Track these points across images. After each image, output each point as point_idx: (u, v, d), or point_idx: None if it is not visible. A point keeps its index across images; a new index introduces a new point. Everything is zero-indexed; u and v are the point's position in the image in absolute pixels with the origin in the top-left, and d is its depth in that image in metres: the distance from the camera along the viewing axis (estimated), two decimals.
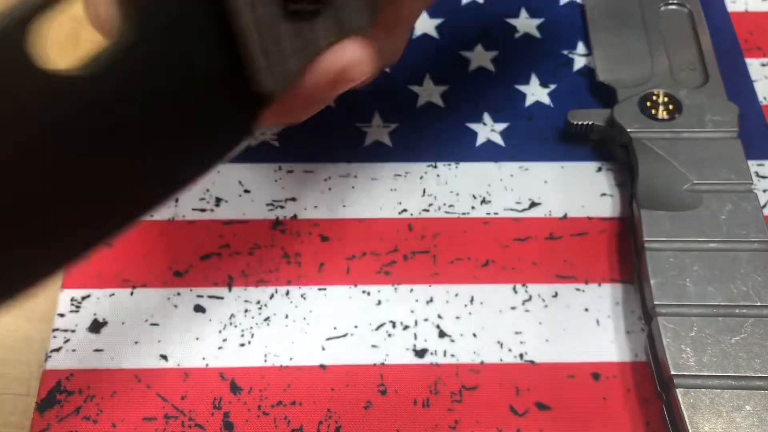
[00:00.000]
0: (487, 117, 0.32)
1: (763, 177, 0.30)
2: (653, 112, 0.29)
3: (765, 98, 0.32)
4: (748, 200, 0.27)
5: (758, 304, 0.25)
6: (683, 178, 0.27)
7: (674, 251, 0.26)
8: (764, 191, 0.30)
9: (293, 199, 0.29)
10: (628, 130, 0.29)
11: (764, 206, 0.30)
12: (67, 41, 0.34)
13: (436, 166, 0.30)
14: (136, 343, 0.26)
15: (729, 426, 0.22)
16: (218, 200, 0.29)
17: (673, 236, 0.26)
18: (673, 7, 0.33)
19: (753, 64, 0.33)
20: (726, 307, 0.25)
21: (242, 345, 0.26)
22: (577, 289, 0.28)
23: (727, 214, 0.26)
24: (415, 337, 0.27)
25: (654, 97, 0.30)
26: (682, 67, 0.31)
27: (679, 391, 0.23)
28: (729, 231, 0.26)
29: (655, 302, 0.25)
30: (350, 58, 0.19)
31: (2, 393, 0.26)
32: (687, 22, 0.33)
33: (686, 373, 0.23)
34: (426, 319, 0.27)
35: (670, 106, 0.29)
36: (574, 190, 0.30)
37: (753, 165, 0.31)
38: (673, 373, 0.23)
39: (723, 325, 0.24)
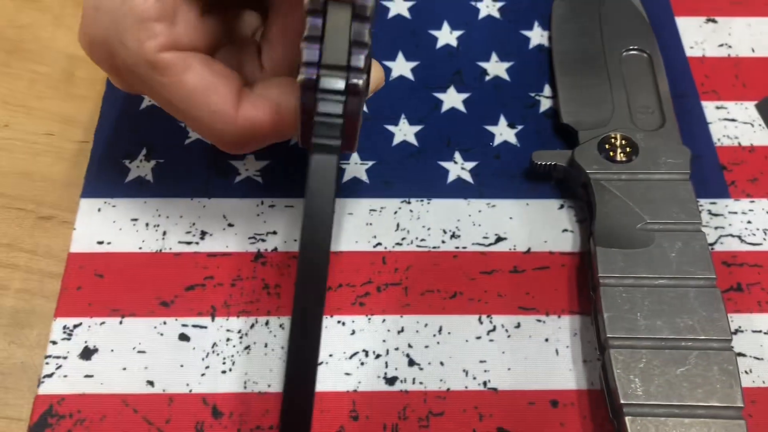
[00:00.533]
0: (457, 155, 0.34)
1: (716, 215, 0.33)
2: (611, 154, 0.31)
3: (719, 140, 0.35)
4: (696, 239, 0.29)
5: (702, 337, 0.27)
6: (637, 217, 0.29)
7: (626, 287, 0.28)
8: (716, 228, 0.32)
9: (274, 233, 0.31)
10: (588, 171, 0.31)
11: (715, 242, 0.32)
12: (62, 79, 0.36)
13: (409, 202, 0.32)
14: (124, 369, 0.28)
15: None
16: (203, 233, 0.31)
17: (626, 273, 0.28)
18: (634, 52, 0.36)
19: (708, 107, 0.36)
20: (673, 341, 0.27)
21: (224, 372, 0.28)
22: (539, 320, 0.30)
23: (677, 252, 0.28)
24: (386, 365, 0.28)
25: (612, 140, 0.32)
26: (640, 110, 0.34)
27: (627, 419, 0.25)
28: (678, 268, 0.28)
29: (608, 335, 0.27)
30: None
31: (1, 417, 0.27)
32: (647, 66, 0.35)
33: (634, 402, 0.25)
34: (397, 348, 0.29)
35: (628, 149, 0.31)
36: (538, 226, 0.32)
37: (706, 203, 0.33)
38: (622, 401, 0.25)
39: (669, 357, 0.26)
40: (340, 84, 0.23)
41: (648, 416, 0.25)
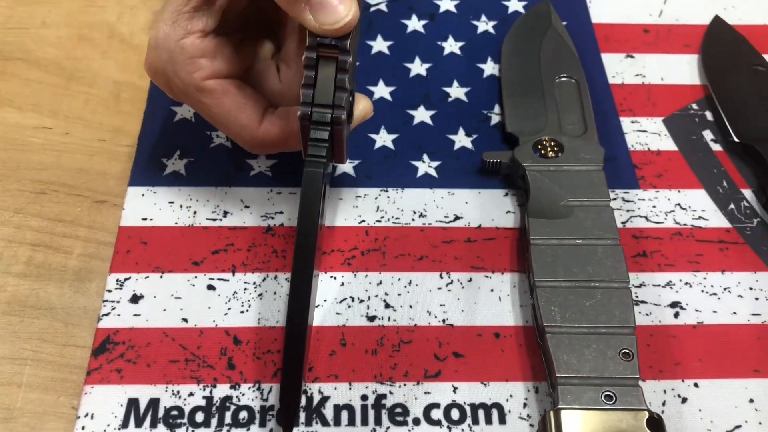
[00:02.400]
0: (425, 156, 0.43)
1: (628, 201, 0.41)
2: (543, 152, 0.40)
3: (632, 146, 0.44)
4: (605, 212, 0.38)
5: (606, 280, 0.35)
6: (561, 197, 0.38)
7: (551, 246, 0.36)
8: (627, 211, 0.41)
9: (281, 212, 0.40)
10: (524, 164, 0.40)
11: (627, 221, 0.41)
12: (110, 98, 0.45)
13: (387, 191, 0.41)
14: (164, 310, 0.36)
15: (579, 357, 0.33)
16: (225, 213, 0.40)
17: (551, 236, 0.37)
18: (565, 79, 0.45)
19: (625, 121, 0.45)
20: (584, 282, 0.35)
21: (242, 312, 0.36)
22: (486, 276, 0.38)
23: (590, 221, 0.37)
24: (368, 308, 0.37)
25: (544, 142, 0.41)
26: (568, 122, 0.43)
27: (548, 336, 0.33)
28: (590, 232, 0.37)
29: (535, 279, 0.35)
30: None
31: (69, 345, 0.35)
32: (575, 90, 0.45)
33: (553, 324, 0.34)
34: (376, 296, 0.37)
35: (556, 148, 0.41)
36: (487, 209, 0.41)
37: (621, 192, 0.42)
38: (544, 324, 0.34)
39: (581, 294, 0.35)
40: (327, 117, 0.32)
41: (563, 334, 0.33)
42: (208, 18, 0.34)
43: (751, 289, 0.38)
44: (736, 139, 0.43)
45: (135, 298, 0.36)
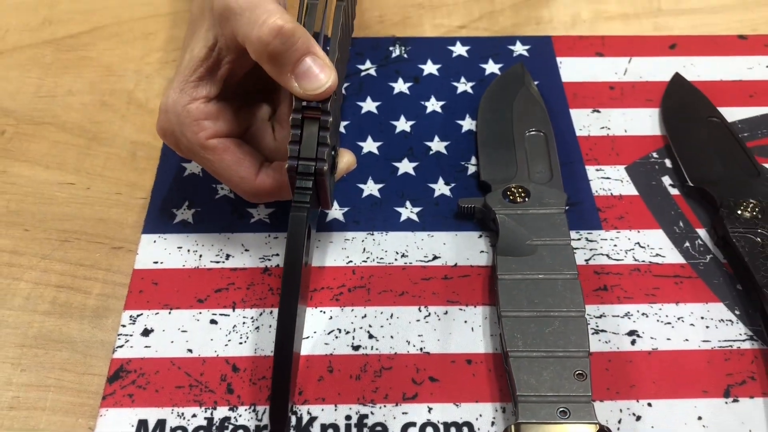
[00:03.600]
0: (408, 203, 0.47)
1: (591, 240, 0.46)
2: (511, 198, 0.45)
3: (597, 191, 0.48)
4: (565, 250, 0.42)
5: (565, 310, 0.39)
6: (526, 236, 0.43)
7: (516, 280, 0.41)
8: (590, 249, 0.45)
9: (277, 255, 0.45)
10: (494, 209, 0.44)
11: (590, 258, 0.45)
12: (127, 157, 0.50)
13: (373, 234, 0.46)
14: (171, 342, 0.41)
15: (538, 378, 0.36)
16: (227, 256, 0.44)
17: (516, 272, 0.41)
18: (534, 132, 0.50)
19: (590, 170, 0.50)
20: (545, 311, 0.39)
21: (240, 343, 0.41)
22: (461, 309, 0.42)
23: (551, 258, 0.41)
24: (353, 338, 0.41)
25: (513, 189, 0.45)
26: (536, 171, 0.47)
27: (511, 359, 0.37)
28: (551, 268, 0.41)
29: (501, 309, 0.39)
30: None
31: (87, 373, 0.40)
32: (543, 143, 0.49)
33: (516, 349, 0.38)
34: (361, 327, 0.41)
35: (523, 194, 0.45)
36: (463, 249, 0.45)
37: (584, 233, 0.46)
38: (508, 349, 0.38)
39: (542, 322, 0.39)
40: (310, 169, 0.37)
41: (525, 358, 0.37)
42: (211, 86, 0.40)
43: (702, 318, 0.42)
44: (691, 183, 0.48)
45: (146, 332, 0.41)
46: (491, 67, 0.56)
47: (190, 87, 0.39)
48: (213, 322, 0.42)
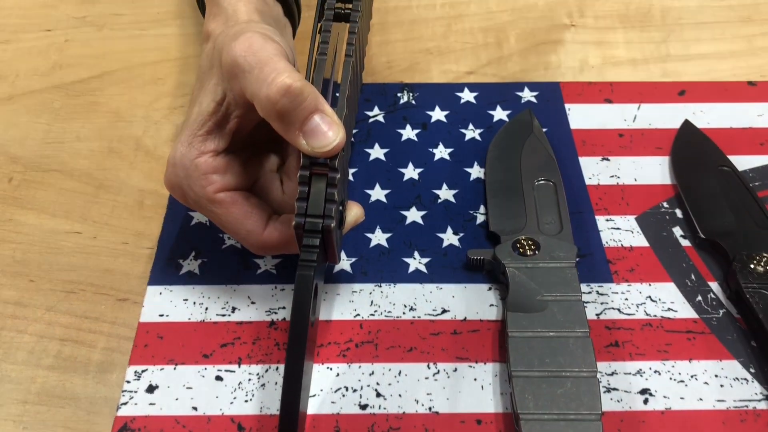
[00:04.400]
0: (416, 254, 0.47)
1: (602, 294, 0.45)
2: (521, 250, 0.44)
3: (607, 242, 0.48)
4: (576, 306, 0.41)
5: (576, 370, 0.38)
6: (537, 292, 0.42)
7: (527, 338, 0.40)
8: (601, 303, 0.45)
9: (284, 308, 0.44)
10: (504, 262, 0.44)
11: (601, 313, 0.44)
12: (135, 205, 0.50)
13: (380, 286, 0.45)
14: (176, 399, 0.40)
15: None
16: (233, 308, 0.44)
17: (527, 329, 0.40)
18: (543, 182, 0.50)
19: (600, 220, 0.49)
20: (556, 372, 0.38)
21: (246, 401, 0.40)
22: (470, 366, 0.42)
23: (562, 315, 0.41)
24: (360, 397, 0.40)
25: (522, 241, 0.45)
26: (546, 222, 0.47)
27: (522, 422, 0.37)
28: (562, 325, 0.40)
29: (512, 369, 0.39)
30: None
31: (92, 431, 0.39)
32: (552, 192, 0.49)
33: (527, 411, 0.37)
34: (368, 385, 0.41)
35: (533, 247, 0.45)
36: (472, 302, 0.44)
37: (595, 286, 0.45)
38: (519, 411, 0.37)
39: (553, 383, 0.38)
40: (318, 226, 0.37)
41: (536, 420, 0.37)
42: (220, 140, 0.40)
43: (716, 376, 0.41)
44: (702, 236, 0.47)
45: (151, 389, 0.40)
46: (499, 114, 0.56)
47: (198, 141, 0.39)
48: (218, 378, 0.41)
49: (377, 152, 0.53)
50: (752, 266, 0.44)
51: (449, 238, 0.48)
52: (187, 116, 0.41)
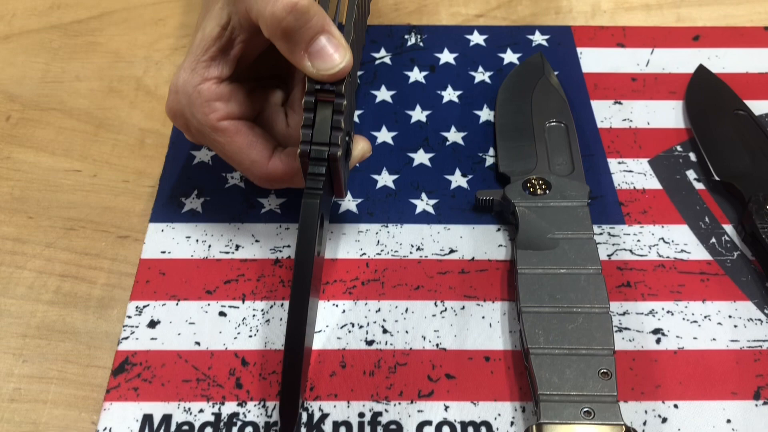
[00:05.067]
0: (423, 195, 0.46)
1: (614, 236, 0.44)
2: (531, 190, 0.43)
3: (619, 185, 0.47)
4: (588, 244, 0.40)
5: (588, 306, 0.38)
6: (548, 230, 0.41)
7: (537, 275, 0.39)
8: (613, 245, 0.44)
9: (288, 246, 0.43)
10: (514, 201, 0.43)
11: (612, 254, 0.43)
12: (135, 144, 0.49)
13: (387, 226, 0.44)
14: (178, 334, 0.39)
15: (561, 376, 0.35)
16: (237, 246, 0.43)
17: (537, 266, 0.39)
18: (554, 124, 0.48)
19: (612, 162, 0.48)
20: (567, 308, 0.38)
21: (250, 336, 0.39)
22: (478, 305, 0.41)
23: (574, 253, 0.40)
24: (367, 333, 0.39)
25: (533, 181, 0.44)
26: (557, 163, 0.46)
27: (532, 356, 0.36)
28: (573, 262, 0.39)
29: (522, 305, 0.38)
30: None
31: (92, 365, 0.38)
32: (564, 134, 0.48)
33: (537, 346, 0.36)
34: (375, 322, 0.40)
35: (544, 186, 0.43)
36: (480, 243, 0.43)
37: (607, 228, 0.44)
38: (528, 346, 0.36)
39: (564, 318, 0.37)
40: (324, 154, 0.36)
41: (546, 355, 0.36)
42: (224, 66, 0.38)
43: (730, 317, 0.40)
44: (717, 178, 0.46)
45: (152, 324, 0.40)
46: (510, 57, 0.54)
47: (201, 67, 0.38)
48: (222, 314, 0.40)
49: (384, 94, 0.52)
50: None
51: (457, 180, 0.47)
52: (191, 42, 0.39)
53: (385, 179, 0.47)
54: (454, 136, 0.49)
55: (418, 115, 0.51)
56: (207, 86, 0.38)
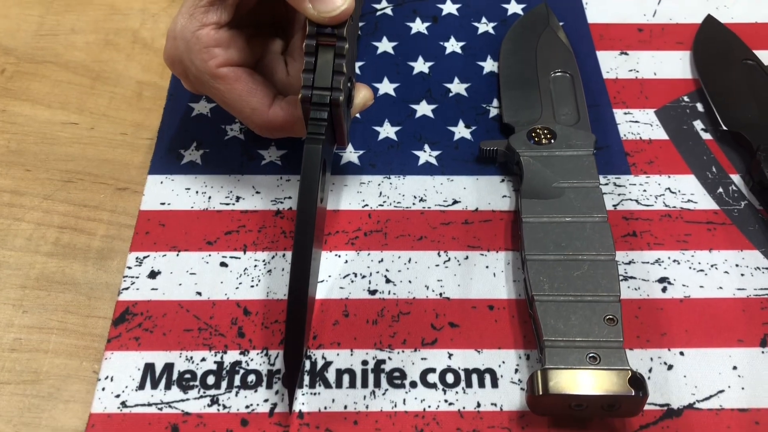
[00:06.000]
0: (426, 146, 0.45)
1: (619, 186, 0.43)
2: (536, 139, 0.43)
3: (625, 135, 0.46)
4: (594, 193, 0.40)
5: (594, 253, 0.37)
6: (552, 179, 0.40)
7: (542, 223, 0.39)
8: (618, 195, 0.43)
9: (289, 198, 0.43)
10: (518, 151, 0.42)
11: (618, 204, 0.42)
12: (133, 96, 0.48)
13: (389, 178, 0.44)
14: (179, 285, 0.39)
15: (566, 323, 0.34)
16: (238, 198, 0.42)
17: (542, 214, 0.39)
18: (559, 74, 0.47)
19: (618, 113, 0.47)
20: (572, 255, 0.37)
21: (252, 286, 0.39)
22: (482, 255, 0.40)
23: (579, 201, 0.39)
24: (369, 283, 0.39)
25: (538, 130, 0.43)
26: (562, 113, 0.45)
27: (536, 303, 0.35)
28: (579, 211, 0.39)
29: (526, 253, 0.37)
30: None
31: (92, 316, 0.38)
32: (569, 84, 0.47)
33: (542, 293, 0.36)
34: (377, 272, 0.39)
35: (549, 135, 0.43)
36: (484, 193, 0.43)
37: (612, 178, 0.44)
38: (533, 293, 0.36)
39: (569, 265, 0.37)
40: (325, 99, 0.35)
41: (551, 302, 0.35)
42: (222, 12, 0.37)
43: (737, 266, 0.40)
44: (725, 128, 0.45)
45: (153, 274, 0.39)
46: (513, 7, 0.53)
47: (200, 12, 0.37)
48: (223, 264, 0.40)
49: (385, 45, 0.51)
50: None
51: (461, 131, 0.46)
52: None
53: (387, 131, 0.46)
54: (457, 87, 0.49)
55: (421, 66, 0.50)
56: (206, 32, 0.37)
